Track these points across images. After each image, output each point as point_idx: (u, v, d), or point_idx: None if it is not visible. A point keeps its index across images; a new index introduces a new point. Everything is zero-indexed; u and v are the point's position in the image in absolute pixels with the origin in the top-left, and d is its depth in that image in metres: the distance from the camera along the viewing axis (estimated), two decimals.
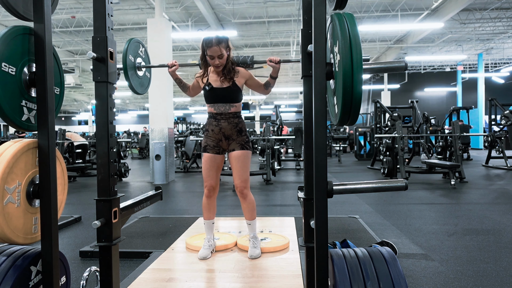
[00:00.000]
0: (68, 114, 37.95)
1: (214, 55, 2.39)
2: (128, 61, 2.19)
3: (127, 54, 2.17)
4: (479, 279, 2.47)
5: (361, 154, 13.53)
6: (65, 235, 3.73)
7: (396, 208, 4.80)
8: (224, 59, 2.42)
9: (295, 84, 24.61)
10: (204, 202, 2.60)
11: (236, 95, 2.52)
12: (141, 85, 2.44)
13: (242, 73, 2.53)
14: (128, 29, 13.33)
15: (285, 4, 11.19)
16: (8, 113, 1.44)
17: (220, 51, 2.38)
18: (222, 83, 2.49)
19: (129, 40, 2.27)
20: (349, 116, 1.25)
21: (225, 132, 2.53)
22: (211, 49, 2.37)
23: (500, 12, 12.48)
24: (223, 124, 2.52)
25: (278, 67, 2.36)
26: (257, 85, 2.58)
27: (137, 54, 2.34)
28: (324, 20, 1.31)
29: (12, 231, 1.42)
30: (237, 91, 2.51)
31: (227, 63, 2.47)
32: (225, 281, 2.15)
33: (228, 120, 2.52)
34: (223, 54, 2.40)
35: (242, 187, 2.51)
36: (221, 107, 2.52)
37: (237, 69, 2.51)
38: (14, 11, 1.45)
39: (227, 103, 2.51)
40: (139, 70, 2.35)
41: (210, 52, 2.39)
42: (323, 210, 1.32)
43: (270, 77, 2.48)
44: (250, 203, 2.56)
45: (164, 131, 7.88)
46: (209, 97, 2.54)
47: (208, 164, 2.57)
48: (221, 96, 2.50)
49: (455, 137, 7.28)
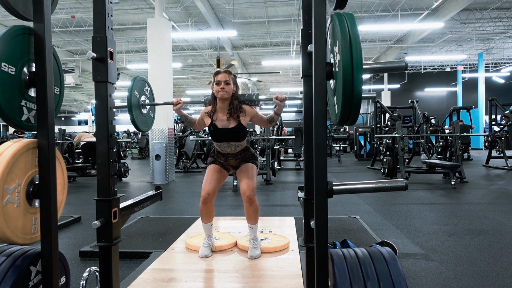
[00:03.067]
0: (68, 114, 37.95)
1: (221, 80, 2.41)
2: (133, 98, 2.20)
3: (132, 91, 2.18)
4: (479, 279, 2.47)
5: (361, 154, 13.53)
6: (65, 235, 3.73)
7: (396, 208, 4.80)
8: (230, 88, 2.43)
9: (295, 84, 24.61)
10: (201, 208, 2.57)
11: (241, 134, 2.53)
12: (145, 123, 2.46)
13: (248, 112, 2.52)
14: (128, 29, 13.33)
15: (285, 4, 11.18)
16: (8, 113, 1.43)
17: (227, 78, 2.42)
18: (228, 122, 2.49)
19: (134, 78, 2.30)
20: (349, 116, 1.25)
21: (233, 165, 2.66)
22: (219, 75, 2.43)
23: (500, 12, 12.48)
24: (231, 161, 2.64)
25: (283, 105, 2.38)
26: (262, 121, 2.58)
27: (142, 92, 2.36)
28: (324, 20, 1.31)
29: (11, 231, 1.42)
30: (242, 131, 2.52)
31: (233, 100, 2.48)
32: (225, 281, 2.14)
33: (236, 157, 2.62)
34: (230, 82, 2.43)
35: (251, 195, 2.50)
36: (227, 148, 2.57)
37: (243, 108, 2.51)
38: (14, 11, 1.45)
39: (232, 143, 2.55)
40: (143, 108, 2.37)
41: (218, 78, 2.43)
42: (323, 210, 1.31)
43: (274, 113, 2.47)
44: (255, 208, 2.55)
45: (164, 131, 7.88)
46: (214, 137, 2.57)
47: (211, 172, 2.60)
48: (226, 137, 2.53)
49: (455, 137, 7.28)
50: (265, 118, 2.56)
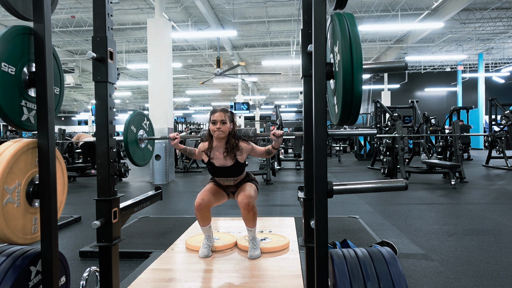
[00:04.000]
0: (68, 114, 37.95)
1: (217, 120, 2.39)
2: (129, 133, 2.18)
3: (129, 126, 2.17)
4: (479, 279, 2.47)
5: (361, 154, 13.53)
6: (65, 235, 3.73)
7: (396, 208, 4.80)
8: (226, 127, 2.41)
9: (295, 84, 24.61)
10: (196, 213, 2.55)
11: (239, 171, 2.53)
12: (142, 158, 2.45)
13: (245, 149, 2.50)
14: (128, 29, 13.33)
15: (285, 4, 11.18)
16: (8, 113, 1.43)
17: (223, 117, 2.40)
18: (225, 161, 2.48)
19: (132, 112, 2.30)
20: (349, 116, 1.25)
21: (233, 191, 2.68)
22: (215, 114, 2.41)
23: (500, 12, 12.48)
24: (232, 189, 2.66)
25: (280, 141, 2.37)
26: (259, 154, 2.57)
27: (140, 127, 2.36)
28: (324, 20, 1.31)
29: (11, 231, 1.42)
30: (240, 167, 2.52)
31: (230, 138, 2.45)
32: (225, 281, 2.14)
33: (236, 185, 2.64)
34: (226, 121, 2.41)
35: (249, 201, 2.45)
36: (226, 182, 2.60)
37: (240, 146, 2.48)
38: (14, 11, 1.45)
39: (231, 178, 2.56)
40: (141, 142, 2.37)
41: (214, 117, 2.41)
42: (323, 210, 1.31)
43: (272, 147, 2.47)
44: (254, 214, 2.53)
45: (164, 131, 7.87)
46: (212, 173, 2.58)
47: (210, 186, 2.62)
48: (225, 174, 2.53)
49: (455, 137, 7.28)
50: (262, 150, 2.54)
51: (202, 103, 34.26)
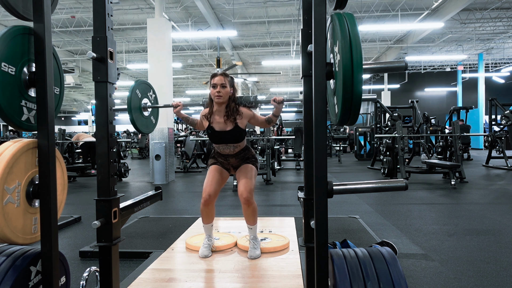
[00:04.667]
0: (68, 114, 37.95)
1: (217, 84, 2.41)
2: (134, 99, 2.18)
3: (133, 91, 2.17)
4: (479, 279, 2.47)
5: (361, 154, 13.53)
6: (65, 235, 3.73)
7: (396, 208, 4.80)
8: (226, 91, 2.42)
9: (295, 84, 24.61)
10: (202, 209, 2.57)
11: (239, 136, 2.53)
12: (146, 126, 2.46)
13: (246, 114, 2.51)
14: (128, 29, 13.33)
15: (285, 4, 11.19)
16: (7, 113, 1.43)
17: (224, 81, 2.41)
18: (225, 125, 2.49)
19: (137, 80, 2.30)
20: (349, 116, 1.25)
21: (233, 164, 2.66)
22: (216, 78, 2.42)
23: (500, 12, 12.48)
24: (231, 160, 2.64)
25: (281, 107, 2.38)
26: (260, 122, 2.58)
27: (144, 95, 2.36)
28: (324, 20, 1.31)
29: (11, 231, 1.42)
30: (240, 133, 2.52)
31: (230, 103, 2.47)
32: (225, 281, 2.14)
33: (236, 157, 2.62)
34: (226, 85, 2.42)
35: (248, 197, 2.49)
36: (226, 150, 2.58)
37: (241, 110, 2.49)
38: (14, 11, 1.45)
39: (230, 144, 2.55)
40: (144, 110, 2.37)
41: (214, 81, 2.42)
42: (323, 210, 1.31)
43: (272, 115, 2.47)
44: (253, 210, 2.55)
45: (164, 131, 7.87)
46: (212, 139, 2.58)
47: (212, 174, 2.59)
48: (224, 139, 2.53)
49: (455, 137, 7.28)
50: (263, 119, 2.56)
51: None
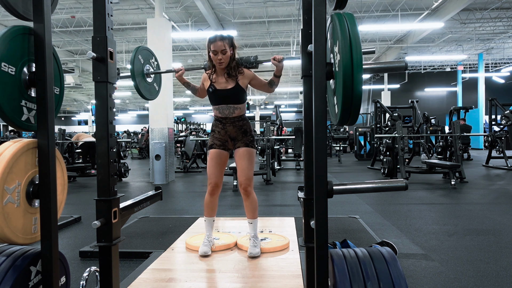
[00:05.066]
0: (68, 114, 37.95)
1: (218, 50, 2.41)
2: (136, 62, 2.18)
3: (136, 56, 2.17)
4: (479, 279, 2.47)
5: (361, 154, 13.52)
6: (65, 235, 3.73)
7: (396, 208, 4.80)
8: (227, 55, 2.44)
9: (295, 84, 24.60)
10: (207, 199, 2.62)
11: (240, 96, 2.53)
12: (149, 92, 2.46)
13: (246, 74, 2.54)
14: (128, 29, 13.33)
15: (285, 4, 11.18)
16: (7, 113, 1.43)
17: (223, 46, 2.41)
18: (226, 84, 2.51)
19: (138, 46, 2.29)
20: (349, 116, 1.25)
21: (230, 134, 2.60)
22: (215, 44, 2.41)
23: (500, 12, 12.48)
24: (229, 128, 2.59)
25: (281, 66, 2.38)
26: (261, 84, 2.59)
27: (147, 62, 2.35)
28: (324, 20, 1.31)
29: (11, 231, 1.42)
30: (241, 92, 2.53)
31: (231, 62, 2.49)
32: (225, 281, 2.14)
33: (234, 123, 2.58)
34: (226, 49, 2.42)
35: (246, 185, 2.53)
36: (225, 110, 2.56)
37: (242, 70, 2.53)
38: (14, 11, 1.45)
39: (231, 105, 2.54)
40: (147, 76, 2.37)
41: (213, 47, 2.42)
42: (323, 210, 1.31)
43: (274, 76, 2.49)
44: (252, 201, 2.58)
45: (164, 131, 7.87)
46: (213, 99, 2.57)
47: (213, 161, 2.59)
48: (225, 98, 2.53)
49: (455, 137, 7.28)
50: (265, 82, 2.57)
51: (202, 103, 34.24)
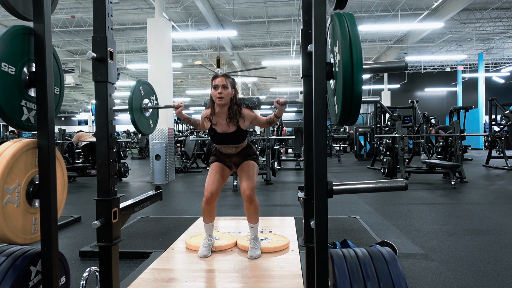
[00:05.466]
0: (68, 114, 37.95)
1: (219, 85, 2.40)
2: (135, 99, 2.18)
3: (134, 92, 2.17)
4: (479, 279, 2.47)
5: (361, 154, 13.53)
6: (65, 235, 3.73)
7: (396, 208, 4.80)
8: (228, 92, 2.41)
9: (295, 84, 24.60)
10: (204, 208, 2.59)
11: (241, 137, 2.55)
12: (147, 127, 2.46)
13: (248, 116, 2.51)
14: (128, 29, 13.33)
15: (285, 4, 11.19)
16: (7, 113, 1.43)
17: (225, 82, 2.40)
18: (227, 127, 2.49)
19: (139, 80, 2.30)
20: (349, 116, 1.25)
21: (235, 162, 2.66)
22: (217, 79, 2.41)
23: (500, 12, 12.48)
24: (233, 158, 2.65)
25: (283, 109, 2.37)
26: (261, 123, 2.58)
27: (146, 96, 2.36)
28: (324, 20, 1.31)
29: (11, 231, 1.42)
30: (242, 134, 2.53)
31: (233, 105, 2.46)
32: (225, 281, 2.14)
33: (238, 155, 2.64)
34: (228, 86, 2.41)
35: (251, 194, 2.51)
36: (228, 150, 2.60)
37: (243, 113, 2.49)
38: (14, 11, 1.45)
39: (233, 145, 2.57)
40: (145, 111, 2.37)
41: (215, 82, 2.41)
42: (323, 210, 1.31)
43: (274, 116, 2.47)
44: (255, 207, 2.57)
45: (164, 131, 7.87)
46: (214, 140, 2.59)
47: (214, 172, 2.60)
48: (227, 140, 2.54)
49: (455, 137, 7.28)
50: (264, 120, 2.56)
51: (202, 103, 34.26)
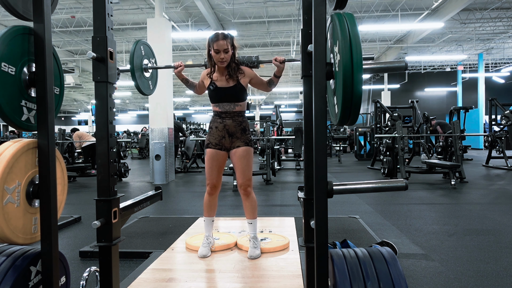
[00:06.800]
0: (68, 114, 37.95)
1: (220, 49, 2.41)
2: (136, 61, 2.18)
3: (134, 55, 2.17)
4: (479, 279, 2.47)
5: (361, 154, 13.52)
6: (65, 235, 3.73)
7: (396, 208, 4.80)
8: (229, 54, 2.45)
9: (295, 84, 24.60)
10: (206, 199, 2.63)
11: (241, 94, 2.54)
12: (147, 87, 2.46)
13: (247, 73, 2.55)
14: (128, 29, 13.33)
15: (285, 4, 11.18)
16: (7, 113, 1.43)
17: (226, 45, 2.41)
18: (227, 82, 2.52)
19: (136, 41, 2.28)
20: (349, 116, 1.25)
21: (229, 129, 2.55)
22: (217, 42, 2.41)
23: (500, 12, 12.48)
24: (228, 122, 2.55)
25: (282, 67, 2.38)
26: (261, 83, 2.60)
27: (144, 56, 2.35)
28: (324, 20, 1.31)
29: (11, 231, 1.42)
30: (241, 90, 2.54)
31: (232, 62, 2.49)
32: (225, 281, 2.14)
33: (233, 118, 2.56)
34: (229, 49, 2.43)
35: (246, 185, 2.53)
36: (226, 106, 2.55)
37: (242, 69, 2.54)
38: (14, 11, 1.45)
39: (232, 102, 2.54)
40: (146, 71, 2.36)
41: (216, 46, 2.41)
42: (323, 210, 1.31)
43: (274, 76, 2.50)
44: (252, 201, 2.59)
45: (164, 131, 7.87)
46: (213, 97, 2.57)
47: (211, 161, 2.59)
48: (226, 96, 2.53)
49: (455, 137, 7.28)
50: (264, 81, 2.58)
51: (202, 103, 34.24)
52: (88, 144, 8.65)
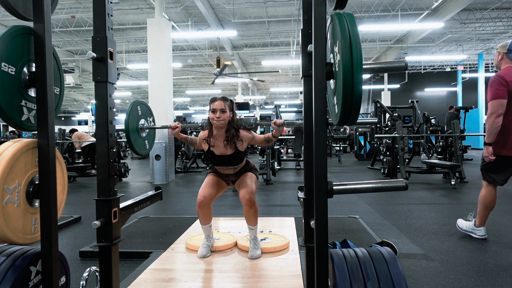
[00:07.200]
0: (68, 114, 37.95)
1: (217, 109, 2.40)
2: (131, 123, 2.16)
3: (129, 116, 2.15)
4: (479, 279, 2.47)
5: (361, 154, 13.52)
6: (65, 235, 3.73)
7: (396, 208, 4.80)
8: (226, 115, 2.42)
9: (295, 84, 24.61)
10: (197, 210, 2.57)
11: (239, 159, 2.55)
12: (144, 147, 2.46)
13: (245, 138, 2.51)
14: (128, 29, 13.33)
15: (285, 4, 11.19)
16: (7, 113, 1.43)
17: (223, 106, 2.41)
18: (225, 150, 2.50)
19: (132, 102, 2.29)
20: (349, 116, 1.25)
21: (233, 179, 2.69)
22: (215, 103, 2.41)
23: (500, 12, 12.48)
24: (231, 177, 2.67)
25: (281, 130, 2.38)
26: (259, 141, 2.58)
27: (141, 115, 2.35)
28: (324, 20, 1.31)
29: (11, 231, 1.42)
30: (240, 156, 2.54)
31: (230, 128, 2.46)
32: (225, 281, 2.14)
33: (236, 174, 2.65)
34: (226, 110, 2.41)
35: (251, 197, 2.49)
36: (225, 170, 2.61)
37: (240, 135, 2.49)
38: (14, 11, 1.45)
39: (231, 166, 2.58)
40: (142, 131, 2.36)
41: (213, 106, 2.41)
42: (323, 210, 1.31)
43: (272, 136, 2.47)
44: (255, 211, 2.56)
45: (164, 131, 7.88)
46: (212, 162, 2.60)
47: (209, 179, 2.62)
48: (225, 162, 2.55)
49: (455, 137, 7.28)
50: (262, 139, 2.55)
51: (202, 103, 34.25)
52: (88, 144, 8.65)
